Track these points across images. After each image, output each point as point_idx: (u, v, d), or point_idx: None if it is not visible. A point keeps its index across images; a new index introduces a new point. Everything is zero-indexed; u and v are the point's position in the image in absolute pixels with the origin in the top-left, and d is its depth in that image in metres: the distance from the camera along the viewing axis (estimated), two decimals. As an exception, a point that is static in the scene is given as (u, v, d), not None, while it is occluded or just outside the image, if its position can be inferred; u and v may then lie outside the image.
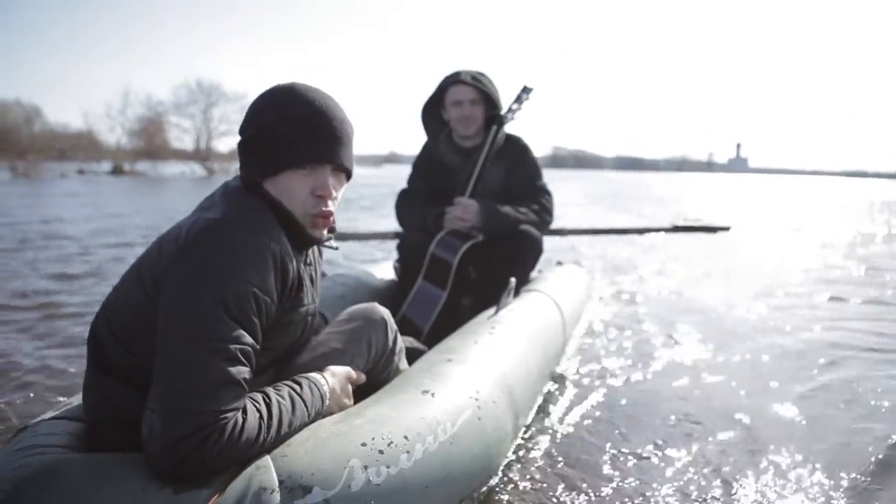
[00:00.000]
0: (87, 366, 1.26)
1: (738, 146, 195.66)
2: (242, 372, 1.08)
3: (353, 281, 2.67)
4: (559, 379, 2.46)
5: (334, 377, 1.34)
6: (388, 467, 1.17)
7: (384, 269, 3.06)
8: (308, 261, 1.33)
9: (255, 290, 1.10)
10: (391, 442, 1.22)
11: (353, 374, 1.41)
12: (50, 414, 1.35)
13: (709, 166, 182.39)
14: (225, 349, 1.05)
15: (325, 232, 1.29)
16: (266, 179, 1.24)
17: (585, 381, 2.49)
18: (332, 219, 1.29)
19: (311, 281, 1.35)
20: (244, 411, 1.08)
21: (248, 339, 1.09)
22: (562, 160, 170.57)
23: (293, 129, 1.21)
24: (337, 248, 1.40)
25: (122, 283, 1.23)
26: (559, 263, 3.58)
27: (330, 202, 1.26)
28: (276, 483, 1.06)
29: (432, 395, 1.42)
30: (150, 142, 34.46)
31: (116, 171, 31.24)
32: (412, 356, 1.75)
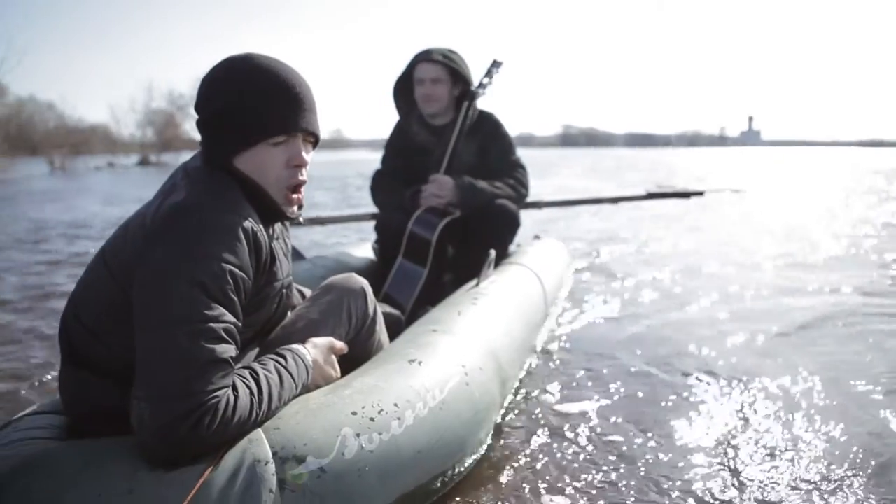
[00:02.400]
0: (61, 361, 1.24)
1: (751, 119, 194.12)
2: (228, 350, 1.07)
3: (333, 262, 2.66)
4: (542, 349, 2.49)
5: (316, 348, 1.34)
6: (380, 434, 1.18)
7: (364, 250, 3.05)
8: (276, 235, 1.32)
9: (232, 269, 1.09)
10: (382, 410, 1.23)
11: (337, 343, 1.41)
12: (31, 409, 1.34)
13: (721, 140, 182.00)
14: (208, 329, 1.04)
15: (296, 207, 1.28)
16: (237, 156, 1.21)
17: (567, 350, 2.52)
18: (302, 192, 1.28)
19: (284, 254, 1.34)
20: (234, 389, 1.07)
21: (230, 318, 1.09)
22: (572, 138, 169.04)
23: (263, 101, 1.19)
24: (302, 222, 1.38)
25: (89, 275, 1.21)
26: (537, 237, 3.61)
27: (304, 171, 1.26)
28: (270, 454, 1.06)
29: (419, 363, 1.44)
30: (173, 134, 35.88)
31: (143, 162, 33.19)
32: (389, 323, 1.76)
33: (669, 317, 3.00)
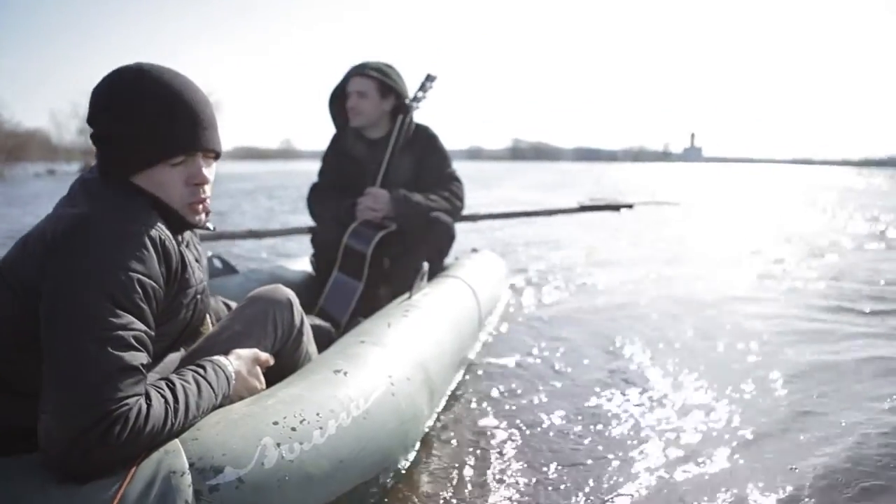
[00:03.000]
0: None
1: (693, 136, 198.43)
2: (138, 357, 1.05)
3: (268, 276, 2.65)
4: (474, 361, 2.53)
5: (240, 359, 1.34)
6: (301, 443, 1.19)
7: (301, 264, 3.04)
8: (185, 242, 1.30)
9: (140, 277, 1.08)
10: (303, 419, 1.24)
11: (261, 355, 1.40)
12: None
13: (665, 156, 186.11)
14: (117, 337, 1.03)
15: (204, 216, 1.28)
16: (134, 175, 1.19)
17: (500, 363, 2.56)
18: (208, 202, 1.27)
19: (195, 260, 1.32)
20: (148, 397, 1.06)
21: (140, 325, 1.07)
22: (522, 152, 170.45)
23: (159, 121, 1.15)
24: (213, 229, 1.37)
25: None
26: (474, 250, 3.66)
27: (206, 187, 1.25)
28: (187, 465, 1.05)
29: (345, 374, 1.45)
30: None
31: (85, 169, 31.07)
32: (319, 336, 1.77)
33: (602, 329, 3.09)
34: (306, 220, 3.07)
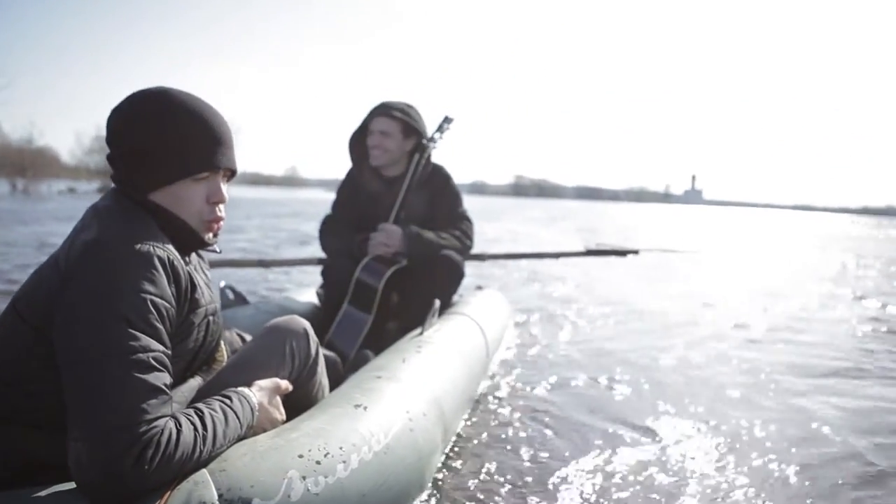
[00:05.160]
0: None
1: (694, 178, 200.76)
2: (161, 377, 1.07)
3: (277, 308, 2.67)
4: (482, 397, 2.54)
5: (262, 390, 1.35)
6: (325, 477, 1.20)
7: (308, 295, 3.06)
8: (193, 264, 1.32)
9: (152, 298, 1.09)
10: (327, 453, 1.25)
11: (282, 384, 1.41)
12: None
13: (666, 197, 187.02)
14: (138, 360, 1.04)
15: (213, 235, 1.31)
16: (154, 191, 1.22)
17: (506, 400, 2.58)
18: (222, 222, 1.31)
19: (205, 283, 1.34)
20: (178, 423, 1.07)
21: (158, 346, 1.09)
22: (524, 189, 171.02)
23: (185, 139, 1.21)
24: (219, 252, 1.40)
25: None
26: (479, 288, 3.69)
27: (222, 206, 1.30)
28: (216, 496, 1.06)
29: (364, 408, 1.47)
30: None
31: (104, 189, 32.41)
32: (326, 366, 1.78)
33: (607, 367, 3.11)
34: (313, 252, 3.10)
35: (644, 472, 1.90)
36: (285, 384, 1.44)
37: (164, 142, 1.20)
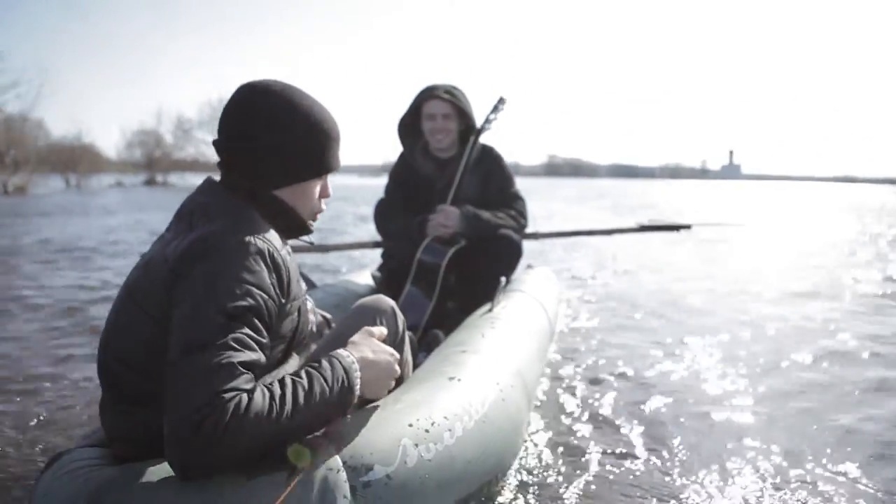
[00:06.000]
0: (104, 399, 1.26)
1: (731, 153, 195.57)
2: (250, 356, 1.08)
3: (343, 290, 2.73)
4: (548, 373, 2.58)
5: (355, 345, 1.32)
6: (435, 444, 1.25)
7: (364, 277, 3.12)
8: (289, 253, 1.36)
9: (251, 289, 1.13)
10: (434, 422, 1.30)
11: (374, 330, 1.39)
12: (83, 441, 1.33)
13: (703, 173, 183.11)
14: (230, 343, 1.07)
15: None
16: (281, 188, 1.28)
17: (572, 373, 2.63)
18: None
19: (296, 272, 1.37)
20: (250, 393, 1.06)
21: (254, 335, 1.11)
22: (557, 168, 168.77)
23: (319, 142, 1.28)
24: (312, 244, 1.49)
25: (120, 313, 1.23)
26: (530, 266, 3.71)
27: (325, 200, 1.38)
28: (341, 463, 1.12)
29: (458, 380, 1.51)
30: (160, 154, 38.78)
31: (150, 182, 36.17)
32: None
33: (662, 342, 3.13)
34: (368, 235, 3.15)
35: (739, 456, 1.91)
36: (378, 329, 1.41)
37: (296, 144, 1.26)
